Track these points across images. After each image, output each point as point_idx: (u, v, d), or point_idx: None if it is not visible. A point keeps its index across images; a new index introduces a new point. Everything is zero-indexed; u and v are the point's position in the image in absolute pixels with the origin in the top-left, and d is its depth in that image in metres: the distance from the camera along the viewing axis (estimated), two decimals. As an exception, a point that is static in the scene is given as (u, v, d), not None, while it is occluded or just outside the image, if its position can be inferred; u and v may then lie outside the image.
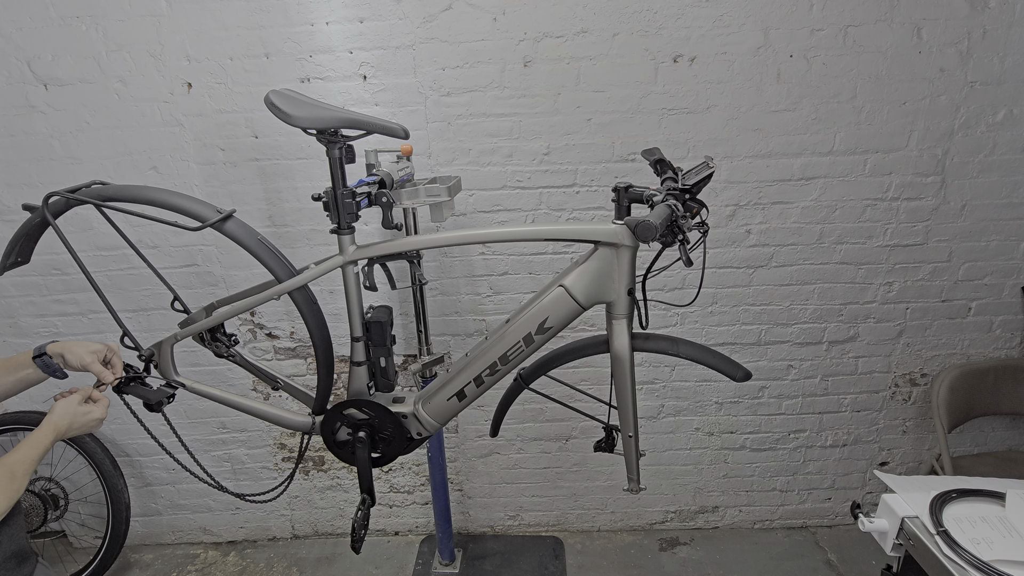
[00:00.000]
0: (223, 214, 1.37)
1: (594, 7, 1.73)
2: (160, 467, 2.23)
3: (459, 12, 1.73)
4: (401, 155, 1.58)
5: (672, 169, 1.15)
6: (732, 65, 1.78)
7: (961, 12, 1.74)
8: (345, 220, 1.35)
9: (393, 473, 2.28)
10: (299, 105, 1.29)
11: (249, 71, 1.78)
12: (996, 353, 2.12)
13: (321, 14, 1.73)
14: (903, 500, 1.13)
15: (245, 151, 1.86)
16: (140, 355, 1.52)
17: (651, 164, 1.18)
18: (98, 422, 1.09)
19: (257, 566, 2.23)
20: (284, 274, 1.40)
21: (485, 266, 2.00)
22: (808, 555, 2.18)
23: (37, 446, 1.01)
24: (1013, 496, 1.12)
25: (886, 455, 2.26)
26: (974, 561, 0.97)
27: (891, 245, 1.98)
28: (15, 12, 1.72)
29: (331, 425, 1.48)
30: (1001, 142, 1.87)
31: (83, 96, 1.79)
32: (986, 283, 2.03)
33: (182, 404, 2.11)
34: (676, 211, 0.95)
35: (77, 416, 1.06)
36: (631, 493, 1.43)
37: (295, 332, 2.08)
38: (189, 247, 1.96)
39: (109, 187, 1.41)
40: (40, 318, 2.03)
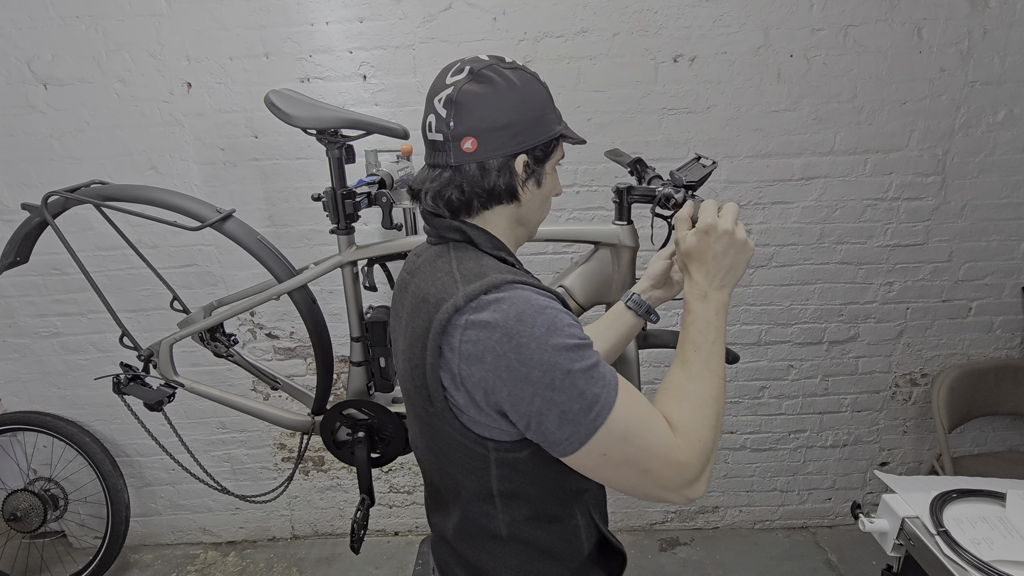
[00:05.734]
0: (223, 214, 1.37)
1: (594, 7, 1.73)
2: (160, 467, 2.23)
3: (459, 12, 1.73)
4: (401, 155, 1.58)
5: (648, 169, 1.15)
6: (732, 65, 1.78)
7: (961, 12, 1.74)
8: (345, 220, 1.35)
9: (393, 473, 2.28)
10: (299, 105, 1.29)
11: (249, 71, 1.78)
12: (996, 353, 2.12)
13: (321, 14, 1.73)
14: (903, 500, 1.13)
15: (245, 151, 1.86)
16: (139, 355, 1.53)
17: (628, 165, 1.16)
18: None
19: (257, 566, 2.23)
20: (284, 274, 1.40)
21: (485, 266, 1.99)
22: (808, 555, 2.18)
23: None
24: (1013, 496, 1.12)
25: (886, 455, 2.26)
26: (974, 561, 0.97)
27: (891, 245, 1.98)
28: (15, 12, 1.72)
29: (330, 425, 1.48)
30: (1001, 142, 1.87)
31: (83, 96, 1.79)
32: (986, 283, 2.03)
33: (182, 404, 2.11)
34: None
35: None
36: None
37: (295, 332, 2.08)
38: (189, 247, 1.96)
39: (108, 187, 1.41)
40: (40, 318, 2.03)
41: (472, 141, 0.73)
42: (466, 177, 0.75)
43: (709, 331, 0.76)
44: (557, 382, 0.65)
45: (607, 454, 0.67)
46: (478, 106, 0.72)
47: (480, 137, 0.73)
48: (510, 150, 0.75)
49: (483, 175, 0.75)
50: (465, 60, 0.76)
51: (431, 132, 0.76)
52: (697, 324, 0.77)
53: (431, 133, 0.76)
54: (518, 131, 0.74)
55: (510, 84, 0.74)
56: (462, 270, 0.73)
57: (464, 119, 0.73)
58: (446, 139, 0.74)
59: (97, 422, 2.16)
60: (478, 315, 0.67)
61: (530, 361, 0.65)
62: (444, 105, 0.73)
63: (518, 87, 0.74)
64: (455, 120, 0.73)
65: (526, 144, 0.75)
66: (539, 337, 0.65)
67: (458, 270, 0.73)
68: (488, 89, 0.73)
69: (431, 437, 0.78)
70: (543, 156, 0.78)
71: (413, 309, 0.75)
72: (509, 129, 0.73)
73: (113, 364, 1.60)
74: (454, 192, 0.75)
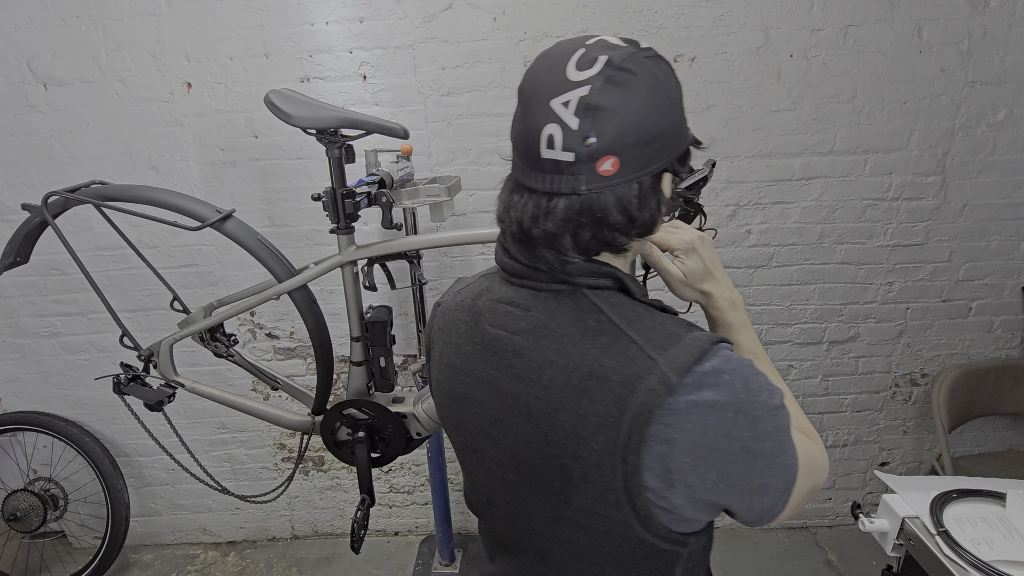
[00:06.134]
0: (222, 214, 1.37)
1: (594, 7, 1.73)
2: (160, 467, 2.23)
3: (459, 12, 1.73)
4: (401, 155, 1.58)
5: None
6: (732, 65, 1.78)
7: (962, 12, 1.74)
8: (345, 220, 1.35)
9: (393, 473, 2.28)
10: (299, 105, 1.29)
11: (249, 71, 1.78)
12: (996, 353, 2.12)
13: (321, 14, 1.73)
14: (903, 500, 1.13)
15: (245, 151, 1.86)
16: (139, 355, 1.53)
17: None
18: None
19: (257, 566, 2.23)
20: (284, 274, 1.40)
21: (485, 266, 1.98)
22: (808, 555, 2.18)
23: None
24: (1013, 496, 1.12)
25: (886, 455, 2.26)
26: (975, 561, 0.97)
27: (891, 245, 1.98)
28: (15, 12, 1.72)
29: (331, 425, 1.48)
30: (1001, 142, 1.87)
31: (83, 96, 1.79)
32: (987, 283, 2.03)
33: (182, 404, 2.11)
34: None
35: None
36: None
37: (295, 332, 2.08)
38: (189, 247, 1.96)
39: (108, 187, 1.41)
40: (40, 318, 2.03)
41: (613, 161, 0.54)
42: (604, 207, 0.56)
43: (752, 334, 0.71)
44: (783, 444, 0.56)
45: (800, 492, 0.59)
46: (623, 113, 0.53)
47: (623, 155, 0.54)
48: (655, 168, 0.57)
49: (627, 204, 0.56)
50: (590, 44, 0.55)
51: (552, 149, 0.54)
52: (745, 332, 0.70)
53: (552, 151, 0.55)
54: (664, 143, 0.57)
55: (655, 80, 0.56)
56: (640, 332, 0.57)
57: (607, 131, 0.53)
58: (579, 159, 0.54)
59: (97, 422, 2.16)
60: (699, 395, 0.53)
61: (764, 434, 0.54)
62: (578, 112, 0.53)
63: (663, 83, 0.57)
64: (597, 133, 0.53)
65: (669, 158, 0.58)
66: (766, 403, 0.55)
67: (634, 332, 0.57)
68: (633, 89, 0.54)
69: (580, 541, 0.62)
70: (683, 170, 0.62)
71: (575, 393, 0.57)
72: (657, 142, 0.56)
73: (113, 364, 1.60)
74: (587, 229, 0.57)
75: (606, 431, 0.55)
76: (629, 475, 0.55)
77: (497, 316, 0.64)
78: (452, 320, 0.69)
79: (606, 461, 0.56)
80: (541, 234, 0.57)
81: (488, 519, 0.75)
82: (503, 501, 0.69)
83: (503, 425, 0.63)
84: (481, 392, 0.65)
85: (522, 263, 0.62)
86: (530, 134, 0.56)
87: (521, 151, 0.58)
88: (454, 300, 0.72)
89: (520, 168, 0.59)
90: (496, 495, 0.69)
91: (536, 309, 0.62)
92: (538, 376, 0.60)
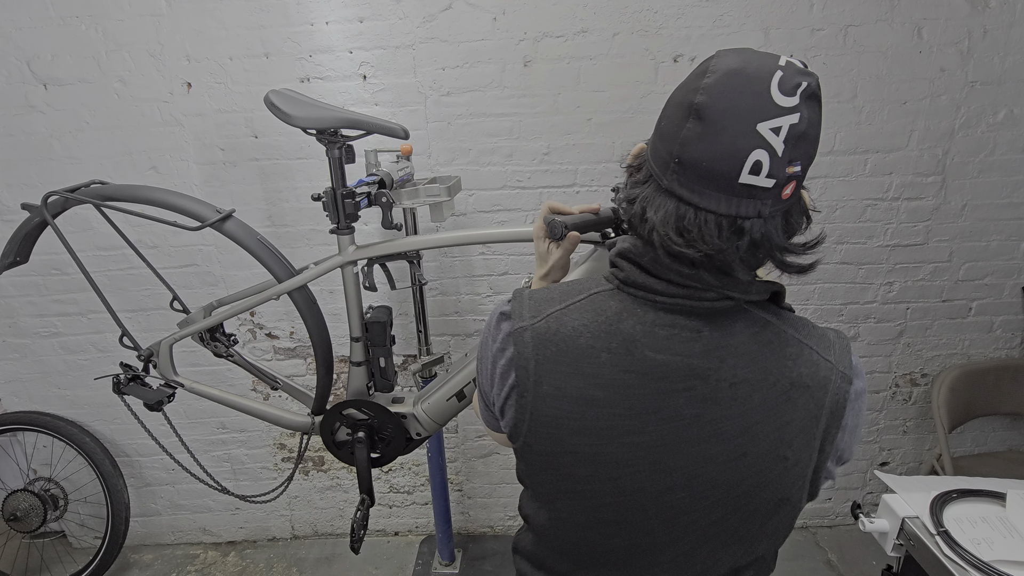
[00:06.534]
0: (222, 214, 1.37)
1: (594, 7, 1.73)
2: (160, 467, 2.23)
3: (459, 12, 1.73)
4: (401, 155, 1.58)
5: None
6: (732, 65, 1.78)
7: (962, 12, 1.74)
8: (345, 220, 1.35)
9: (393, 473, 2.28)
10: (299, 105, 1.29)
11: (249, 71, 1.78)
12: (996, 353, 2.12)
13: (321, 14, 1.73)
14: (903, 500, 1.13)
15: (245, 151, 1.86)
16: (139, 355, 1.53)
17: None
18: None
19: (257, 566, 2.23)
20: (284, 274, 1.40)
21: (485, 266, 1.99)
22: (808, 555, 2.18)
23: None
24: (1013, 496, 1.12)
25: (886, 455, 2.26)
26: (975, 561, 0.97)
27: (891, 245, 1.98)
28: (15, 12, 1.72)
29: (330, 425, 1.48)
30: (1001, 142, 1.87)
31: (83, 96, 1.79)
32: (987, 283, 2.03)
33: (181, 404, 2.11)
34: (619, 214, 0.93)
35: None
36: None
37: (295, 332, 2.08)
38: (189, 247, 1.96)
39: (108, 187, 1.41)
40: (40, 318, 2.03)
41: (794, 185, 0.56)
42: (778, 229, 0.57)
43: None
44: None
45: None
46: (816, 141, 0.55)
47: (801, 180, 0.56)
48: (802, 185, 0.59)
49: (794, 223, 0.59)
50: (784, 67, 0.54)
51: (756, 175, 0.53)
52: None
53: (755, 176, 0.53)
54: None
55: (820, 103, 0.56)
56: (809, 337, 0.63)
57: (803, 159, 0.54)
58: (776, 185, 0.54)
59: (97, 422, 2.16)
60: (857, 385, 0.63)
61: None
62: (787, 140, 0.53)
63: None
64: (800, 161, 0.54)
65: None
66: None
67: (806, 339, 0.63)
68: (819, 117, 0.55)
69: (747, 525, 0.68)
70: None
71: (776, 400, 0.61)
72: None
73: (113, 364, 1.60)
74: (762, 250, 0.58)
75: (808, 431, 0.62)
76: (820, 463, 0.64)
77: (659, 341, 0.62)
78: (576, 350, 0.64)
79: (804, 456, 0.63)
80: (721, 256, 0.57)
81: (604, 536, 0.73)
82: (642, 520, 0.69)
83: (674, 448, 0.63)
84: (639, 421, 0.63)
85: (677, 283, 0.61)
86: (729, 157, 0.53)
87: (705, 173, 0.55)
88: (556, 326, 0.65)
89: (693, 188, 0.56)
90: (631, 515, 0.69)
91: (707, 330, 0.62)
92: (730, 395, 0.61)
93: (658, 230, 0.58)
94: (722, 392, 0.61)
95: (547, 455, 0.68)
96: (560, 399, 0.64)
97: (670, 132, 0.57)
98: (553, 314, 0.66)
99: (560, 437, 0.66)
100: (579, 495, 0.70)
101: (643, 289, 0.63)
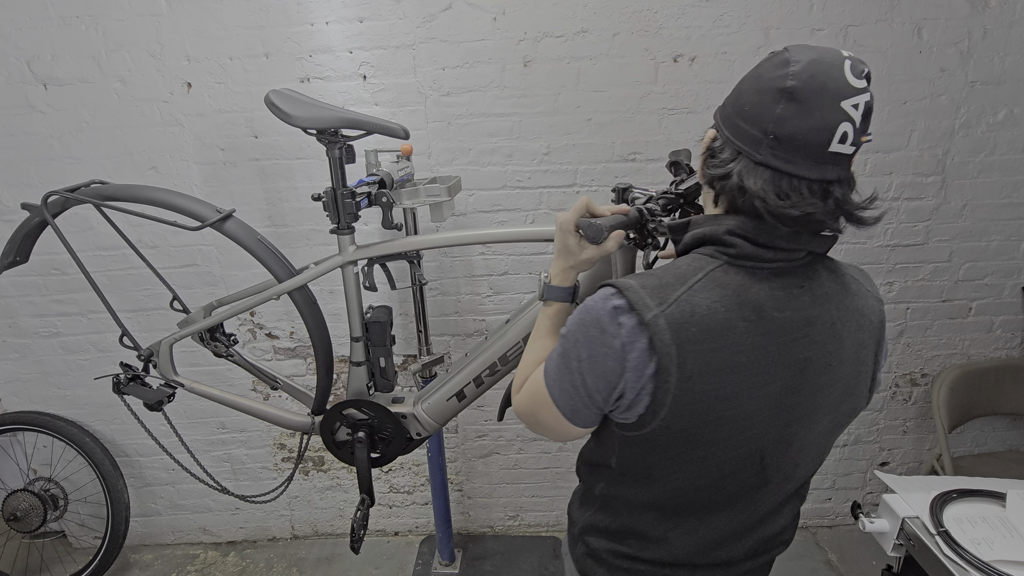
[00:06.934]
0: (223, 214, 1.37)
1: (594, 7, 1.73)
2: (160, 467, 2.23)
3: (459, 12, 1.73)
4: (401, 155, 1.58)
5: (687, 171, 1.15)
6: (732, 65, 1.78)
7: (962, 12, 1.74)
8: (345, 220, 1.35)
9: (393, 473, 2.28)
10: (299, 105, 1.29)
11: (249, 71, 1.78)
12: (996, 353, 2.12)
13: (321, 14, 1.73)
14: (904, 500, 1.13)
15: (245, 151, 1.86)
16: (139, 355, 1.53)
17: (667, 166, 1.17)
18: None
19: (257, 566, 2.23)
20: (284, 274, 1.40)
21: (485, 266, 1.99)
22: (808, 555, 2.18)
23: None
24: (1013, 496, 1.12)
25: (886, 455, 2.26)
26: (975, 561, 0.97)
27: (891, 245, 1.98)
28: (15, 12, 1.72)
29: (330, 425, 1.48)
30: (1001, 142, 1.87)
31: (83, 96, 1.79)
32: (986, 283, 2.03)
33: (181, 404, 2.11)
34: (644, 216, 0.95)
35: None
36: None
37: (295, 332, 2.08)
38: (189, 247, 1.96)
39: (108, 186, 1.41)
40: (40, 318, 2.03)
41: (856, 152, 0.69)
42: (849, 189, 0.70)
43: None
44: None
45: None
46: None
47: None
48: None
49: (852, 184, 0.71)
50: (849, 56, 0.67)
51: (843, 144, 0.65)
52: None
53: (842, 145, 0.66)
54: None
55: None
56: (856, 273, 0.82)
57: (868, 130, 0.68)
58: (855, 152, 0.67)
59: (97, 422, 2.16)
60: (884, 306, 0.83)
61: None
62: (864, 114, 0.65)
63: None
64: (868, 131, 0.68)
65: None
66: None
67: (856, 275, 0.81)
68: None
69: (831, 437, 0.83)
70: None
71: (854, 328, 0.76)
72: None
73: (113, 364, 1.60)
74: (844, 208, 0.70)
75: (869, 347, 0.78)
76: (875, 371, 0.81)
77: (779, 301, 0.71)
78: (716, 326, 0.69)
79: (868, 368, 0.79)
80: (820, 217, 0.68)
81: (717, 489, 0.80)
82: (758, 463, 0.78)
83: (794, 388, 0.73)
84: (768, 374, 0.72)
85: (781, 248, 0.71)
86: (822, 130, 0.64)
87: (800, 145, 0.65)
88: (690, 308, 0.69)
89: (787, 158, 0.66)
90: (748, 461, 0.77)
91: (807, 284, 0.74)
92: (831, 333, 0.74)
93: (759, 196, 0.68)
94: (826, 332, 0.73)
95: (685, 430, 0.73)
96: (706, 375, 0.69)
97: (759, 114, 0.67)
98: (681, 298, 0.69)
99: (704, 410, 0.71)
100: (706, 460, 0.76)
101: (755, 259, 0.71)
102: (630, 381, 0.70)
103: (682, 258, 0.75)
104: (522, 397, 0.86)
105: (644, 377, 0.70)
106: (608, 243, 0.87)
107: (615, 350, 0.70)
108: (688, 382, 0.69)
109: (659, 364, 0.68)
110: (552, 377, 0.78)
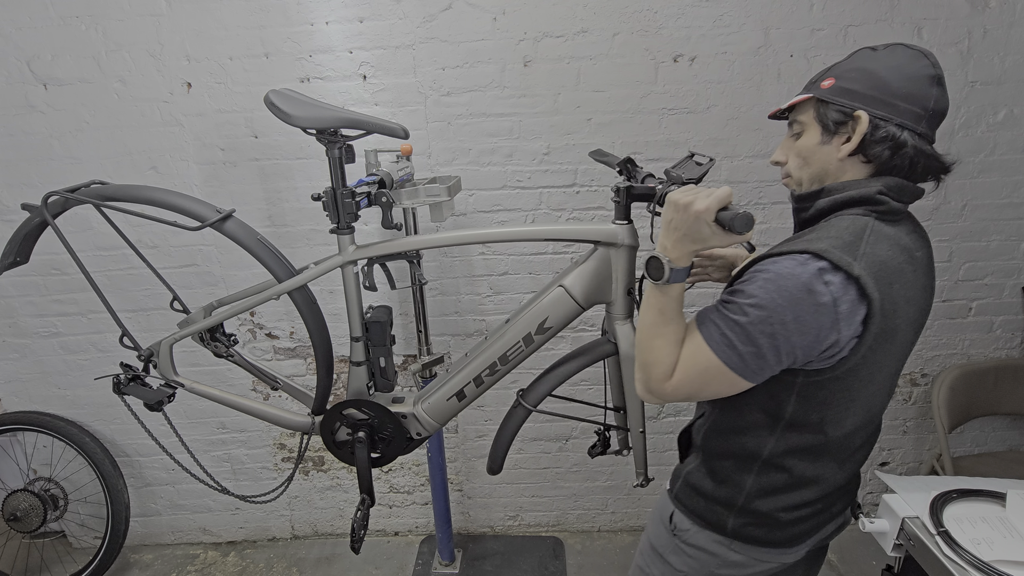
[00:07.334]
0: (222, 214, 1.37)
1: (594, 7, 1.73)
2: (160, 467, 2.23)
3: (459, 12, 1.73)
4: (401, 155, 1.58)
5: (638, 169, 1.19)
6: (732, 65, 1.78)
7: (961, 12, 1.74)
8: (345, 220, 1.35)
9: (393, 473, 2.28)
10: (299, 105, 1.29)
11: (249, 71, 1.78)
12: (996, 353, 2.12)
13: (321, 14, 1.73)
14: (903, 500, 1.13)
15: (245, 151, 1.86)
16: (139, 355, 1.53)
17: (618, 166, 1.20)
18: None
19: (257, 566, 2.23)
20: (284, 274, 1.40)
21: (485, 266, 1.99)
22: (808, 555, 2.18)
23: None
24: (1013, 496, 1.12)
25: (886, 455, 2.26)
26: (975, 561, 0.97)
27: (891, 245, 1.97)
28: (15, 12, 1.72)
29: (330, 425, 1.48)
30: (1001, 142, 1.87)
31: (83, 96, 1.79)
32: (986, 283, 2.03)
33: (182, 404, 2.11)
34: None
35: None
36: (642, 487, 1.43)
37: (295, 332, 2.08)
38: (189, 247, 1.96)
39: (108, 187, 1.41)
40: (40, 318, 2.03)
41: None
42: None
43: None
44: None
45: None
46: None
47: None
48: None
49: None
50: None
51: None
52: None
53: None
54: None
55: None
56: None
57: None
58: None
59: (97, 422, 2.16)
60: None
61: None
62: None
63: None
64: None
65: None
66: None
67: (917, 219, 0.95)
68: None
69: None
70: None
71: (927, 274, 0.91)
72: None
73: (113, 364, 1.60)
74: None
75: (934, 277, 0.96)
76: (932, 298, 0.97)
77: (914, 242, 0.89)
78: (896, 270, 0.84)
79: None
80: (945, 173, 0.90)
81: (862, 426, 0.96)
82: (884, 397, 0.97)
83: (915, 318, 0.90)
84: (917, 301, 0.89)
85: (906, 201, 0.88)
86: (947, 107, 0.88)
87: (941, 118, 0.88)
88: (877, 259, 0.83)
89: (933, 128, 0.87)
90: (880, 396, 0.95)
91: (916, 228, 0.92)
92: (929, 265, 0.93)
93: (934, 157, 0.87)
94: (929, 266, 0.92)
95: (874, 365, 0.87)
96: (895, 312, 0.84)
97: (919, 95, 0.86)
98: (865, 252, 0.82)
99: (892, 343, 0.87)
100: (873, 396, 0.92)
101: (895, 213, 0.87)
102: (844, 329, 0.81)
103: (834, 220, 0.87)
104: (682, 379, 0.91)
105: (855, 324, 0.81)
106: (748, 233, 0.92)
107: (826, 305, 0.79)
108: (886, 320, 0.83)
109: (869, 309, 0.81)
110: (730, 347, 0.85)
